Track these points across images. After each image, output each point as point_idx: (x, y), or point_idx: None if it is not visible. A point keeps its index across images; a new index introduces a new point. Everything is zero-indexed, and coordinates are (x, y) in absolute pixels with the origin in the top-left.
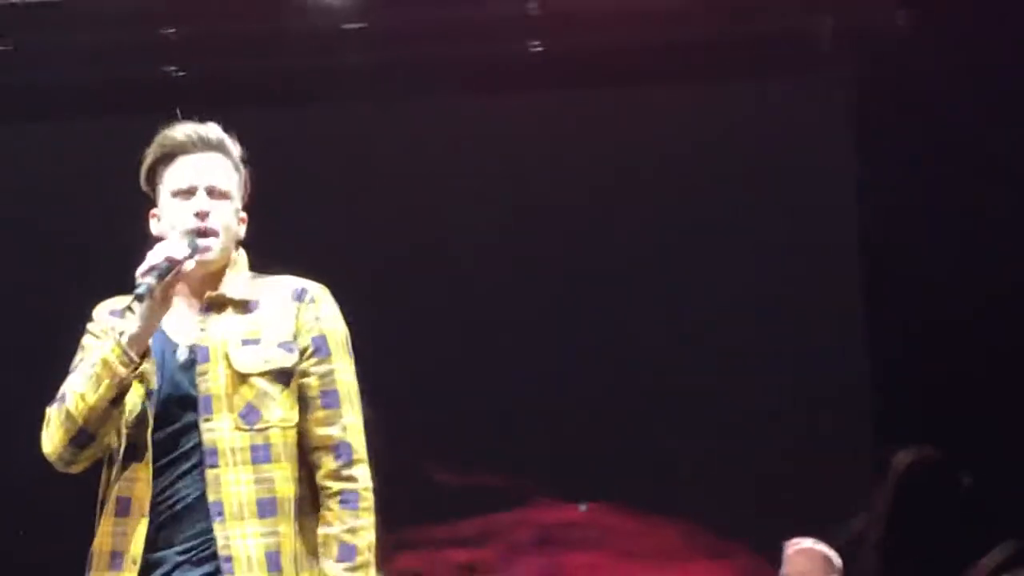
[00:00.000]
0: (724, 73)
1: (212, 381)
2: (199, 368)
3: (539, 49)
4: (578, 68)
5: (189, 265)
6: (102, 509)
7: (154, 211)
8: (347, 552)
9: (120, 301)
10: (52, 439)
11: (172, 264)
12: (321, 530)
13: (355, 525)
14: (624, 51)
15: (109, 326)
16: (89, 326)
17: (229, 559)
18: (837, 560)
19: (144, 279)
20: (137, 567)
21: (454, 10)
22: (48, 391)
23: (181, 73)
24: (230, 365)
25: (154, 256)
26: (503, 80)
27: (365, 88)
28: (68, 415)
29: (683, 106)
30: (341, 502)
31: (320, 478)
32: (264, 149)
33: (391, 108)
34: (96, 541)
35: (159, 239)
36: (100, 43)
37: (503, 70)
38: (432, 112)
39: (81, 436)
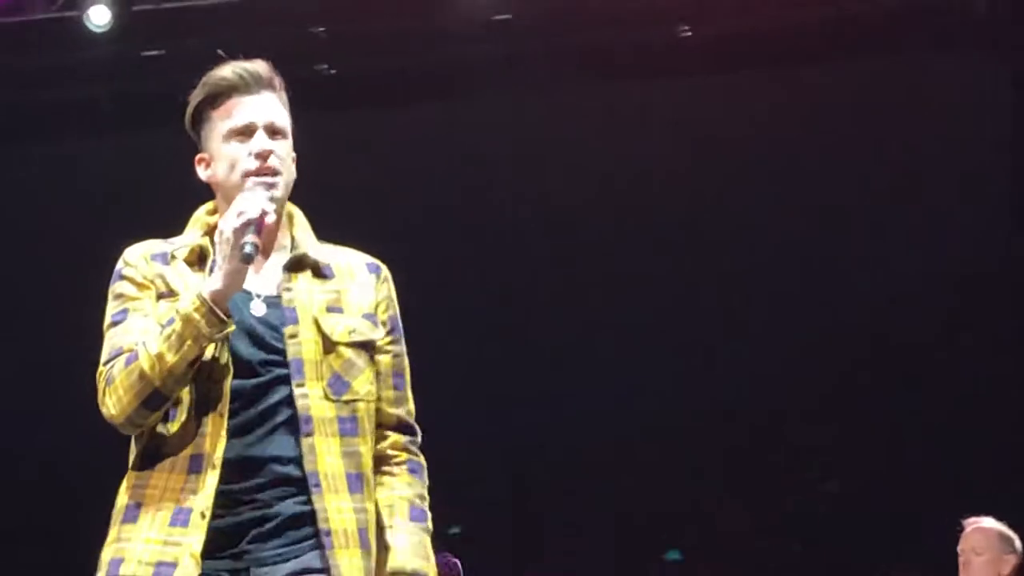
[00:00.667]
0: (882, 48)
1: (304, 346)
2: (288, 330)
3: (689, 34)
4: (729, 51)
5: (272, 217)
6: (152, 461)
7: (201, 156)
8: (420, 514)
9: (157, 245)
10: (120, 402)
11: (264, 217)
12: (390, 493)
13: (424, 493)
14: (774, 32)
15: (155, 274)
16: (125, 271)
17: (329, 532)
18: (1017, 541)
19: (249, 239)
20: (206, 521)
21: None
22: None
23: (332, 71)
24: (320, 331)
25: (247, 210)
26: (654, 65)
27: (514, 78)
28: (142, 376)
29: (838, 84)
30: (410, 471)
31: (385, 448)
32: (418, 142)
33: (541, 97)
34: (149, 493)
35: (209, 185)
36: (250, 44)
37: (653, 56)
38: (584, 99)
39: (155, 398)
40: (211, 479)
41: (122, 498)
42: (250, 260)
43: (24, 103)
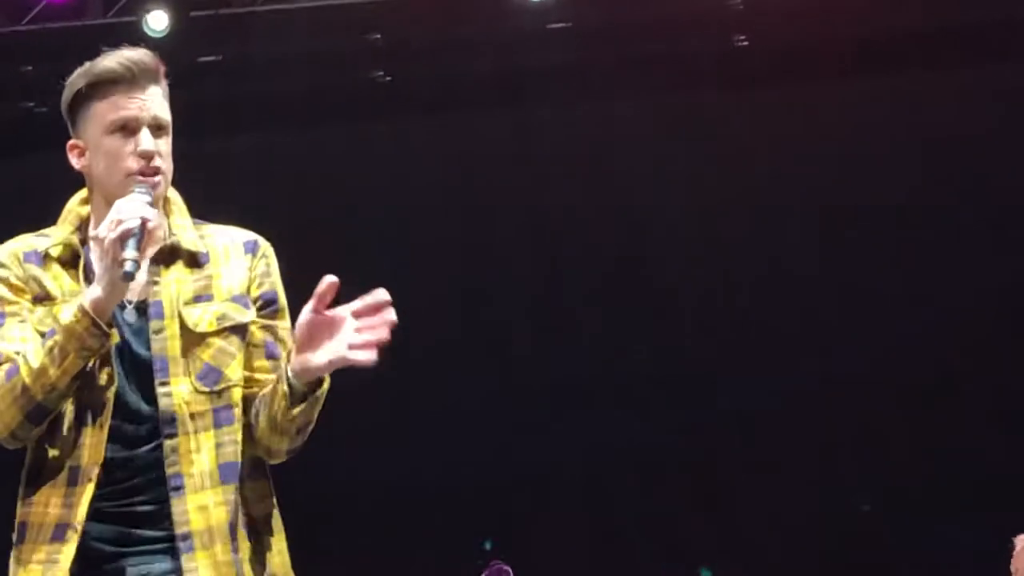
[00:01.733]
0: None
1: (169, 341)
2: (153, 325)
3: (745, 43)
4: (785, 60)
5: (154, 223)
6: (37, 477)
7: (75, 143)
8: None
9: (29, 242)
10: (1, 416)
11: (146, 226)
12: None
13: None
14: (829, 42)
15: (29, 276)
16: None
17: (187, 536)
18: None
19: (130, 255)
20: (78, 536)
21: (657, 7)
22: None
23: (388, 78)
24: (184, 324)
25: (126, 220)
26: (709, 74)
27: (572, 86)
28: (24, 390)
29: (907, 95)
30: None
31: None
32: (474, 148)
33: (598, 105)
34: (34, 511)
35: (82, 173)
36: (307, 51)
37: (709, 64)
38: (641, 107)
39: (38, 412)
40: (88, 492)
41: (17, 516)
42: (131, 278)
43: None
